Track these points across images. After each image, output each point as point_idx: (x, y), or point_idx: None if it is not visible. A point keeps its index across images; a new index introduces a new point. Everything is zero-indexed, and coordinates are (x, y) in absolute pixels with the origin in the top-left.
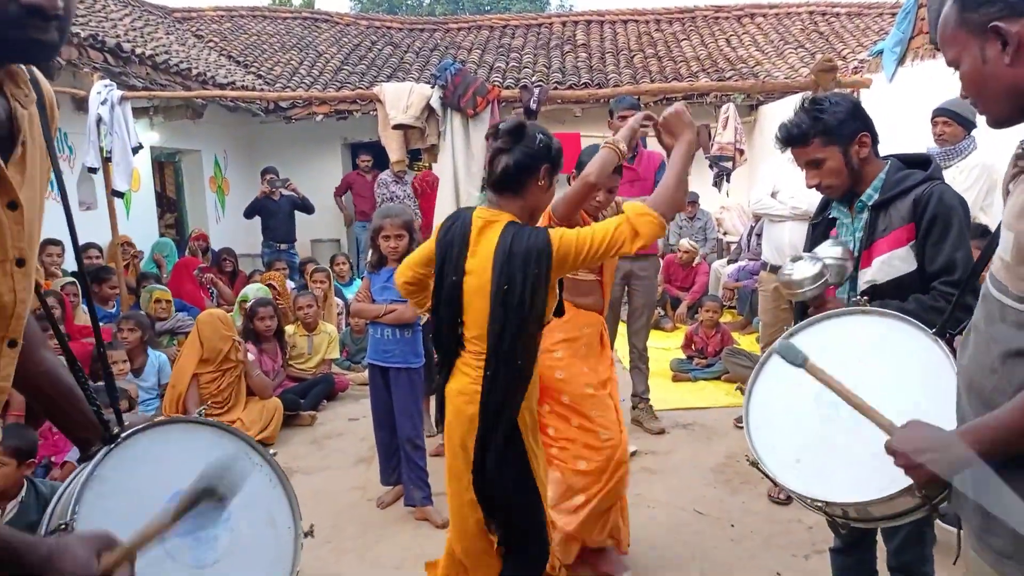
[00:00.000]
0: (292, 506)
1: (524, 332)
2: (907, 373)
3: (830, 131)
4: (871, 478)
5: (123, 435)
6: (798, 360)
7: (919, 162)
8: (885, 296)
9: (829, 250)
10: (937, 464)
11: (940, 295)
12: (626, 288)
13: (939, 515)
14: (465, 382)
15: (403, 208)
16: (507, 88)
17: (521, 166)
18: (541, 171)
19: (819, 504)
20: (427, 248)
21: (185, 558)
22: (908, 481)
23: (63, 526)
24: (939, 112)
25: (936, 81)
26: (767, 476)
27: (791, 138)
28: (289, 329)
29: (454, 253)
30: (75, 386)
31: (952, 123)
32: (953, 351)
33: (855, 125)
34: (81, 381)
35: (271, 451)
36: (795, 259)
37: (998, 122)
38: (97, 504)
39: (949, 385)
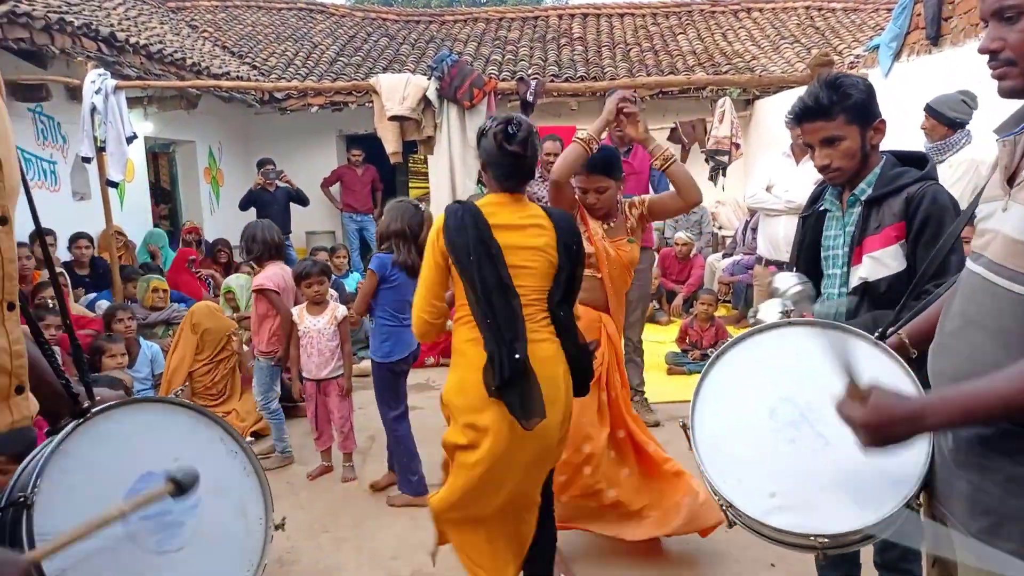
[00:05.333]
0: (265, 497)
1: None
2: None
3: (856, 109)
4: (858, 498)
5: (94, 410)
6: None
7: (914, 160)
8: (876, 294)
9: (786, 281)
10: (897, 432)
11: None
12: None
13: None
14: (548, 347)
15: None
16: (503, 81)
17: (533, 166)
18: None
19: (822, 540)
20: (434, 269)
21: (147, 542)
22: (901, 497)
23: (22, 499)
24: (924, 108)
25: (932, 77)
26: (740, 521)
27: (816, 109)
28: None
29: (476, 235)
30: (42, 358)
31: (929, 118)
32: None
33: (875, 109)
34: (48, 354)
35: (248, 439)
36: (759, 306)
37: None
38: (61, 480)
39: (904, 384)
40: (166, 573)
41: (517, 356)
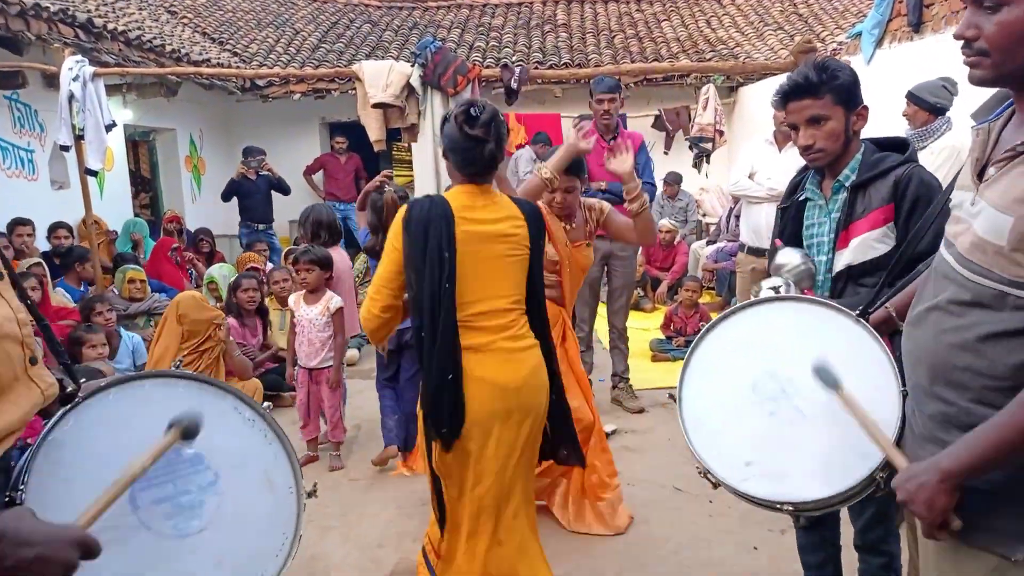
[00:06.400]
0: (292, 464)
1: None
2: (838, 355)
3: (843, 91)
4: (827, 469)
5: (82, 394)
6: (831, 383)
7: (894, 145)
8: (861, 276)
9: (789, 258)
10: (928, 487)
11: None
12: (605, 268)
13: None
14: (534, 352)
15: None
16: (487, 68)
17: (498, 154)
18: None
19: (787, 507)
20: (394, 261)
21: (163, 528)
22: (867, 470)
23: (8, 499)
24: (906, 94)
25: (913, 64)
26: (720, 484)
27: (805, 86)
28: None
29: (441, 232)
30: None
31: (910, 104)
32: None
33: (859, 95)
34: None
35: (265, 405)
36: (761, 283)
37: (1008, 77)
38: (54, 473)
39: (880, 363)
40: (189, 557)
41: (450, 376)
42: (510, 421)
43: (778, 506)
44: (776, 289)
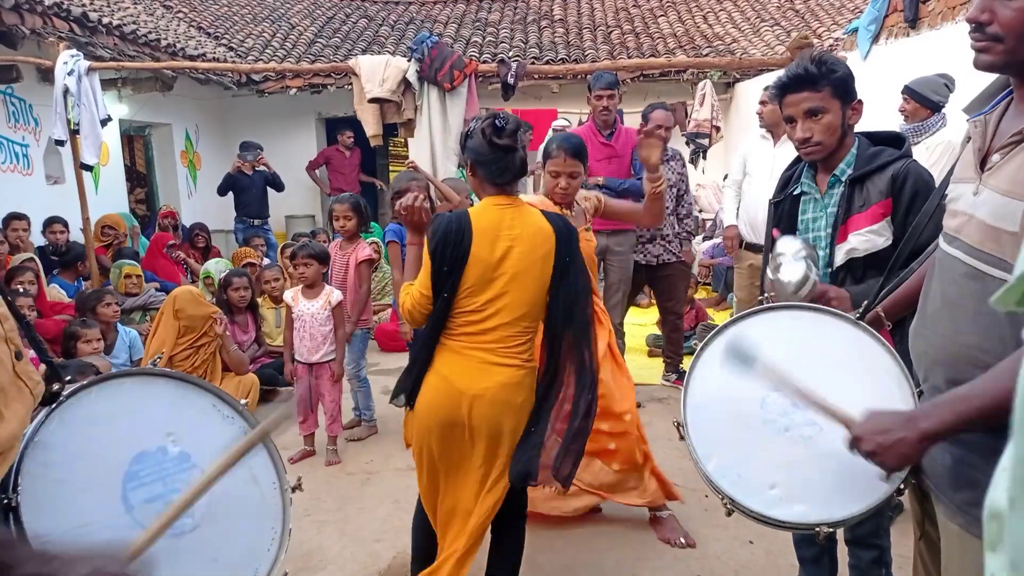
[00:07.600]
0: (274, 460)
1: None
2: (843, 361)
3: (840, 83)
4: (854, 481)
5: (65, 394)
6: (746, 360)
7: (888, 139)
8: (860, 269)
9: (792, 246)
10: (906, 443)
11: None
12: (602, 264)
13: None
14: (510, 372)
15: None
16: (484, 63)
17: (527, 159)
18: None
19: (823, 529)
20: (425, 267)
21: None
22: (895, 479)
23: (5, 501)
24: (903, 89)
25: (910, 59)
26: (744, 513)
27: (805, 77)
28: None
29: (455, 249)
30: None
31: (911, 101)
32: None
33: (855, 89)
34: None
35: (242, 401)
36: (776, 265)
37: (1017, 64)
38: (44, 475)
39: (887, 363)
40: (185, 556)
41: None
42: (453, 434)
43: (816, 529)
44: (804, 278)
